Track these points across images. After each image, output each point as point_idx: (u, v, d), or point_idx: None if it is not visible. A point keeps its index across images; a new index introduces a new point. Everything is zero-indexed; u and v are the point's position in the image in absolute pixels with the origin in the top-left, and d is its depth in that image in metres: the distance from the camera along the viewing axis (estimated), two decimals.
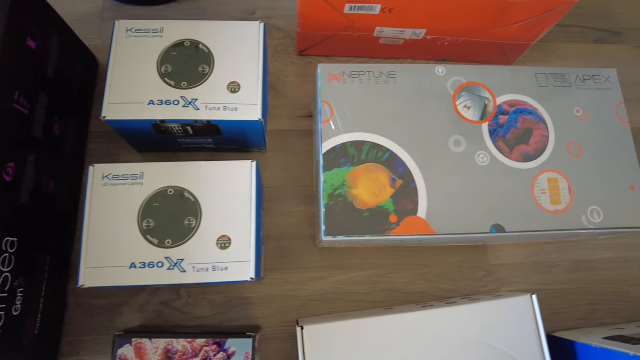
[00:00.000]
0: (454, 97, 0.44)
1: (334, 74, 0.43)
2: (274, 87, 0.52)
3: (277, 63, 0.53)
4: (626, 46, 0.59)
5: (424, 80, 0.44)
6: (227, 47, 0.43)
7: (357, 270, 0.48)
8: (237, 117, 0.41)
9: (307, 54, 0.53)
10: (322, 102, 0.42)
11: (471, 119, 0.43)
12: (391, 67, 0.44)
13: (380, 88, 0.43)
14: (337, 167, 0.41)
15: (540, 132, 0.44)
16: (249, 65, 0.42)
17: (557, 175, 0.43)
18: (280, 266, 0.47)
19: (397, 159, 0.41)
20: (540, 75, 0.45)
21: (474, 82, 0.44)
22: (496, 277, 0.49)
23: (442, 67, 0.44)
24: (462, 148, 0.42)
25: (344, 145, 0.41)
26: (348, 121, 0.42)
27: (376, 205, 0.40)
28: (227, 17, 0.54)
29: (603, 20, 0.60)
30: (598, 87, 0.46)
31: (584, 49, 0.58)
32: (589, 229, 0.41)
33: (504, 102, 0.44)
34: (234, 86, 0.42)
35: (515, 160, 0.42)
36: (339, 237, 0.39)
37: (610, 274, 0.50)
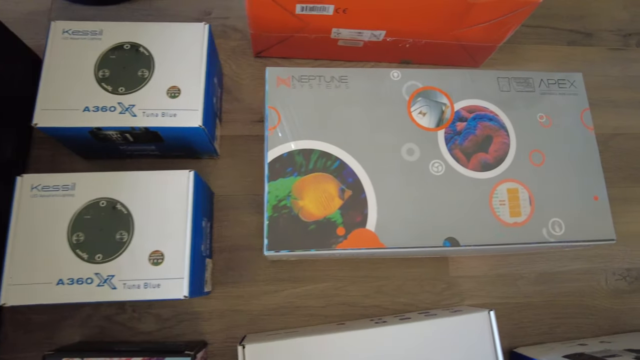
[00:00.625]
0: (408, 102, 0.41)
1: (282, 78, 0.41)
2: (229, 90, 0.50)
3: (233, 65, 0.51)
4: (599, 48, 0.57)
5: (377, 85, 0.42)
6: (169, 50, 0.40)
7: (311, 283, 0.46)
8: (176, 123, 0.39)
9: (264, 55, 0.51)
10: (269, 107, 0.40)
11: (426, 126, 0.41)
12: (343, 72, 0.42)
13: (331, 93, 0.41)
14: (282, 177, 0.38)
15: (500, 140, 0.41)
16: (191, 69, 0.40)
17: (517, 185, 0.40)
18: (230, 279, 0.45)
19: (346, 168, 0.39)
20: (502, 79, 0.43)
21: (431, 86, 0.42)
22: (457, 290, 0.47)
23: (397, 71, 0.42)
24: (416, 157, 0.40)
25: (291, 153, 0.39)
26: (296, 128, 0.40)
27: (323, 217, 0.38)
28: (183, 17, 0.52)
29: (576, 22, 0.57)
30: (563, 92, 0.44)
31: (556, 51, 0.56)
32: (550, 242, 0.39)
33: (463, 107, 0.42)
34: (173, 91, 0.39)
35: (473, 170, 0.40)
36: (282, 251, 0.37)
37: (577, 286, 0.48)
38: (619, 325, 0.48)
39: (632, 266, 0.50)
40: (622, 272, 0.49)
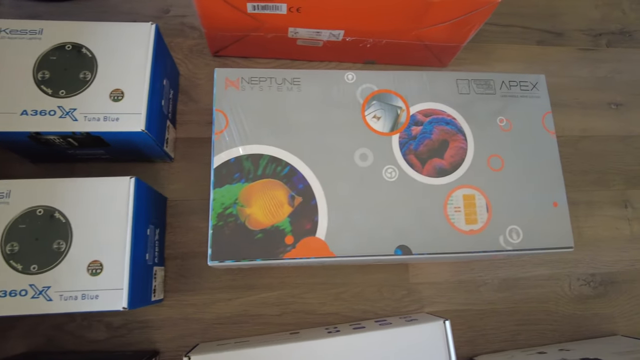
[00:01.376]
0: (363, 106, 0.40)
1: (231, 80, 0.40)
2: (185, 91, 0.49)
3: (190, 65, 0.49)
4: (569, 48, 0.55)
5: (331, 87, 0.40)
6: (113, 51, 0.39)
7: (267, 290, 0.44)
8: (118, 128, 0.37)
9: (222, 54, 0.50)
10: (216, 110, 0.39)
11: (380, 131, 0.40)
12: (296, 73, 0.40)
13: (282, 96, 0.40)
14: (229, 184, 0.37)
15: (457, 144, 0.40)
16: (136, 71, 0.38)
17: (473, 192, 0.39)
18: (183, 287, 0.44)
19: (297, 174, 0.38)
20: (462, 81, 0.42)
21: (386, 89, 0.41)
22: (417, 296, 0.46)
23: (351, 74, 0.41)
24: (369, 162, 0.39)
25: (239, 158, 0.38)
26: (244, 132, 0.38)
27: (271, 226, 0.37)
28: (140, 15, 0.50)
29: (546, 21, 0.56)
30: (525, 94, 0.43)
31: (525, 51, 0.55)
32: (507, 250, 0.38)
33: (419, 111, 0.41)
34: (116, 94, 0.38)
35: (427, 175, 0.39)
36: (227, 261, 0.36)
37: (540, 292, 0.47)
38: (582, 332, 0.47)
39: (597, 271, 0.49)
40: (586, 277, 0.48)
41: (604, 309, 0.48)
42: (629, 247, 0.50)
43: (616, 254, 0.49)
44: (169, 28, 0.50)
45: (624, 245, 0.50)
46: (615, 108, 0.54)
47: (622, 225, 0.50)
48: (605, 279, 0.49)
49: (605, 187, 0.51)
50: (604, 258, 0.49)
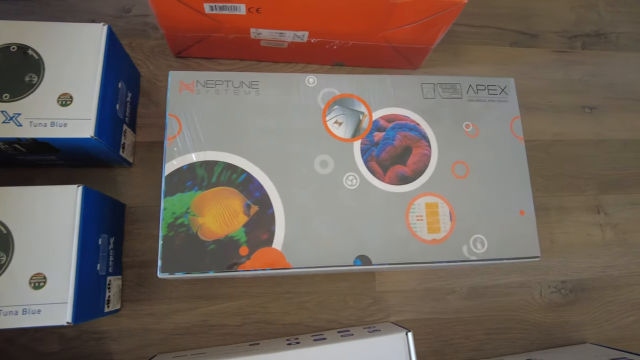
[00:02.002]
0: (324, 111, 0.39)
1: (185, 83, 0.38)
2: (146, 93, 0.47)
3: (152, 66, 0.48)
4: (544, 50, 0.54)
5: (291, 91, 0.39)
6: (62, 53, 0.37)
7: (228, 300, 0.43)
8: (66, 134, 0.35)
9: (184, 55, 0.48)
10: (170, 115, 0.37)
11: (341, 137, 0.38)
12: (254, 76, 0.39)
13: (239, 100, 0.38)
14: (180, 192, 0.36)
15: (421, 151, 0.39)
16: (86, 74, 0.37)
17: (436, 200, 0.38)
18: (142, 296, 0.42)
19: (254, 182, 0.36)
20: (427, 85, 0.41)
21: (349, 94, 0.39)
22: (383, 305, 0.45)
23: (313, 77, 0.39)
24: (329, 169, 0.37)
25: (192, 165, 0.36)
26: (199, 138, 0.37)
27: (225, 236, 0.35)
28: (99, 14, 0.48)
29: (521, 22, 0.55)
30: (492, 98, 0.41)
31: (499, 52, 0.53)
32: (470, 260, 0.37)
33: (382, 116, 0.39)
34: (65, 98, 0.36)
35: (389, 183, 0.38)
36: (177, 274, 0.34)
37: (510, 300, 0.46)
38: (552, 340, 0.46)
39: (568, 278, 0.48)
40: (557, 284, 0.48)
41: (575, 316, 0.47)
42: (601, 253, 0.49)
43: (588, 260, 0.49)
44: (130, 28, 0.48)
45: (595, 251, 0.49)
46: (589, 112, 0.53)
47: (594, 231, 0.49)
48: (576, 286, 0.48)
49: (578, 192, 0.50)
50: (575, 265, 0.48)
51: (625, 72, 0.55)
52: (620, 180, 0.51)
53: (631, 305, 0.48)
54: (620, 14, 0.57)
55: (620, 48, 0.56)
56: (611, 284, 0.48)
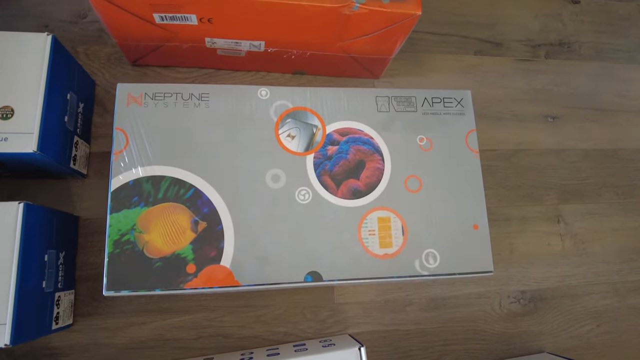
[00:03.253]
0: (276, 124, 0.38)
1: (133, 96, 0.37)
2: (101, 102, 0.46)
3: (107, 74, 0.47)
4: (507, 59, 0.54)
5: (243, 104, 0.38)
6: (4, 64, 0.36)
7: (184, 313, 0.42)
8: (7, 148, 0.34)
9: (141, 63, 0.47)
10: (116, 129, 0.36)
11: (294, 150, 0.38)
12: (204, 89, 0.38)
13: (189, 112, 0.37)
14: (126, 208, 0.35)
15: (374, 165, 0.39)
16: (28, 86, 0.36)
17: (389, 214, 0.38)
18: (95, 310, 0.42)
19: (202, 197, 0.36)
20: (382, 98, 0.40)
21: (302, 107, 0.39)
22: (342, 317, 0.44)
23: (265, 89, 0.39)
24: (281, 183, 0.37)
25: (138, 181, 0.35)
26: (146, 152, 0.36)
27: (171, 253, 0.35)
28: (52, 19, 0.47)
29: (485, 30, 0.55)
30: (448, 111, 0.41)
31: (463, 61, 0.53)
32: (422, 275, 0.37)
33: (335, 130, 0.39)
34: (6, 111, 0.35)
35: (342, 197, 0.38)
36: (123, 292, 0.34)
37: (470, 311, 0.47)
38: (510, 350, 0.47)
39: (527, 288, 0.48)
40: (516, 294, 0.48)
41: (533, 326, 0.47)
42: (560, 263, 0.49)
43: (547, 270, 0.49)
44: (86, 35, 0.47)
45: (555, 261, 0.49)
46: (551, 121, 0.53)
47: (554, 241, 0.50)
48: (535, 296, 0.48)
49: (539, 202, 0.51)
50: (534, 274, 0.49)
51: (587, 81, 0.56)
52: (580, 189, 0.52)
53: (588, 314, 0.49)
54: (583, 23, 0.58)
55: (582, 57, 0.56)
56: (569, 293, 0.49)
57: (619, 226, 0.51)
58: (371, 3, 0.38)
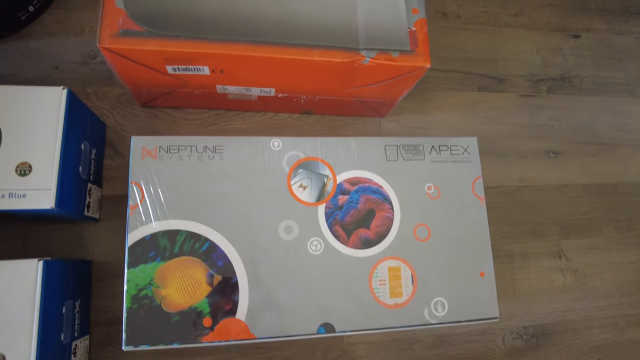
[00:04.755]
0: (289, 175, 0.39)
1: (148, 149, 0.38)
2: (112, 144, 0.46)
3: (118, 116, 0.47)
4: (510, 94, 0.55)
5: (256, 155, 0.39)
6: (20, 119, 0.36)
7: (197, 356, 0.43)
8: (25, 205, 0.35)
9: (151, 105, 0.47)
10: (132, 183, 0.37)
11: (306, 201, 0.39)
12: (218, 141, 0.39)
13: (203, 165, 0.38)
14: (143, 263, 0.36)
15: (383, 214, 0.40)
16: (45, 142, 0.36)
17: (399, 263, 0.39)
18: (110, 355, 0.42)
19: (217, 250, 0.37)
20: (390, 147, 0.41)
21: (313, 157, 0.40)
22: (351, 356, 0.45)
23: (277, 140, 0.40)
24: (294, 235, 0.38)
25: (155, 235, 0.36)
26: (161, 206, 0.37)
27: (188, 307, 0.35)
28: (63, 60, 0.47)
29: (489, 66, 0.56)
30: (455, 158, 0.42)
31: (467, 98, 0.54)
32: (431, 323, 0.38)
33: (346, 179, 0.40)
34: (24, 167, 0.35)
35: (353, 247, 0.38)
36: (142, 346, 0.34)
37: (473, 347, 0.48)
38: None
39: (529, 323, 0.49)
40: (519, 330, 0.49)
41: None
42: (562, 298, 0.51)
43: (549, 305, 0.50)
44: (96, 75, 0.48)
45: (556, 296, 0.51)
46: (553, 157, 0.55)
47: (556, 276, 0.51)
48: (538, 331, 0.49)
49: (541, 238, 0.52)
50: (537, 310, 0.50)
51: (587, 115, 0.57)
52: (581, 224, 0.53)
53: (589, 348, 0.50)
54: (584, 57, 0.59)
55: (583, 92, 0.58)
56: (570, 328, 0.50)
57: (618, 260, 0.53)
58: (381, 57, 0.38)
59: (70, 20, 0.49)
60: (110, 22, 0.36)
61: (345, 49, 0.38)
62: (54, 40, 0.48)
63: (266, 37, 0.37)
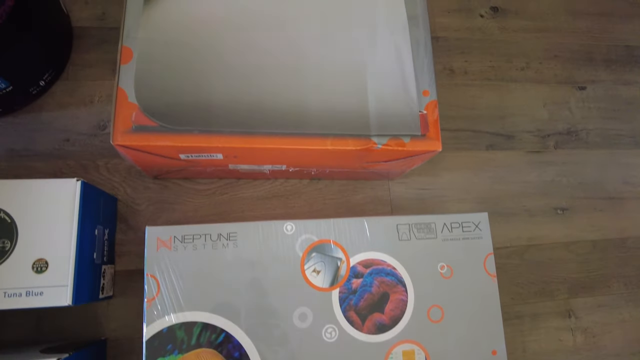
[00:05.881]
0: (302, 259, 0.39)
1: (162, 240, 0.38)
2: (124, 218, 0.47)
3: (129, 189, 0.47)
4: (518, 152, 0.56)
5: (269, 241, 0.39)
6: (35, 213, 0.37)
7: None
8: (42, 303, 0.35)
9: (162, 177, 0.48)
10: (148, 275, 0.37)
11: (320, 286, 0.39)
12: (232, 228, 0.39)
13: (217, 254, 0.38)
14: (161, 356, 0.36)
15: (397, 297, 0.40)
16: (60, 236, 0.36)
17: (413, 347, 0.39)
18: None
19: (232, 341, 0.37)
20: (403, 226, 0.42)
21: (326, 239, 0.40)
22: None
23: (291, 224, 0.40)
24: (308, 322, 0.38)
25: (172, 328, 0.36)
26: (177, 298, 0.37)
27: None
28: (73, 132, 0.48)
29: (496, 122, 0.56)
30: (467, 235, 0.42)
31: (475, 157, 0.55)
32: None
33: (359, 262, 0.40)
34: (40, 264, 0.36)
35: (368, 333, 0.39)
36: None
37: None
38: None
39: None
40: None
41: None
42: (572, 358, 0.51)
43: None
44: (106, 147, 0.48)
45: (566, 357, 0.51)
46: (561, 213, 0.55)
47: (566, 336, 0.51)
48: None
49: (550, 298, 0.52)
50: None
51: (595, 170, 0.57)
52: (590, 282, 0.53)
53: None
54: (590, 109, 0.59)
55: (590, 145, 0.58)
56: None
57: (628, 317, 0.53)
58: (392, 143, 0.39)
59: (79, 91, 0.49)
60: (124, 118, 0.36)
61: (357, 136, 0.38)
62: (64, 112, 0.48)
63: (279, 127, 0.38)
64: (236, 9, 0.40)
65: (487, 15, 0.60)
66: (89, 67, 0.50)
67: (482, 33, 0.59)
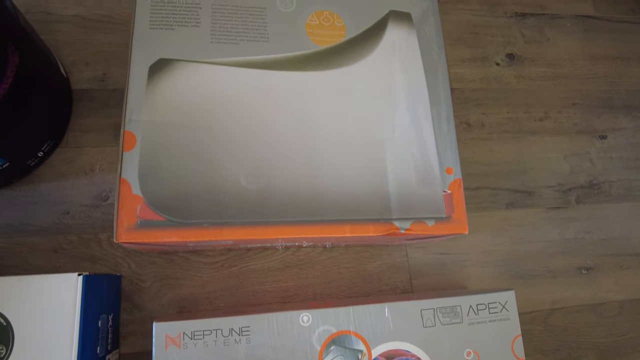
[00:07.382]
0: (320, 353, 0.37)
1: (171, 337, 0.35)
2: (129, 296, 0.44)
3: (133, 264, 0.45)
4: (538, 209, 0.53)
5: (284, 334, 0.37)
6: (33, 314, 0.34)
7: None
8: None
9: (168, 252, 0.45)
10: None
11: None
12: (244, 321, 0.36)
13: (230, 351, 0.36)
14: None
15: None
16: (61, 338, 0.34)
17: None
18: None
19: None
20: (427, 312, 0.39)
21: (345, 330, 0.37)
22: None
23: (307, 314, 0.37)
24: None
25: None
26: None
27: None
28: (73, 204, 0.45)
29: (516, 178, 0.54)
30: (493, 317, 0.40)
31: (495, 217, 0.52)
32: None
33: (382, 353, 0.38)
34: None
35: None
36: None
37: None
38: None
39: None
40: None
41: None
42: None
43: None
44: (107, 219, 0.45)
45: None
46: (585, 273, 0.52)
47: None
48: None
49: None
50: None
51: (619, 224, 0.55)
52: (618, 347, 0.51)
53: None
54: (612, 160, 0.57)
55: (613, 198, 0.55)
56: None
57: None
58: (415, 227, 0.36)
59: (79, 159, 0.46)
60: (128, 212, 0.33)
61: (377, 220, 0.36)
62: (64, 183, 0.46)
63: (294, 215, 0.35)
64: (243, 83, 0.38)
65: (503, 63, 0.57)
66: (89, 132, 0.47)
67: (499, 82, 0.56)
